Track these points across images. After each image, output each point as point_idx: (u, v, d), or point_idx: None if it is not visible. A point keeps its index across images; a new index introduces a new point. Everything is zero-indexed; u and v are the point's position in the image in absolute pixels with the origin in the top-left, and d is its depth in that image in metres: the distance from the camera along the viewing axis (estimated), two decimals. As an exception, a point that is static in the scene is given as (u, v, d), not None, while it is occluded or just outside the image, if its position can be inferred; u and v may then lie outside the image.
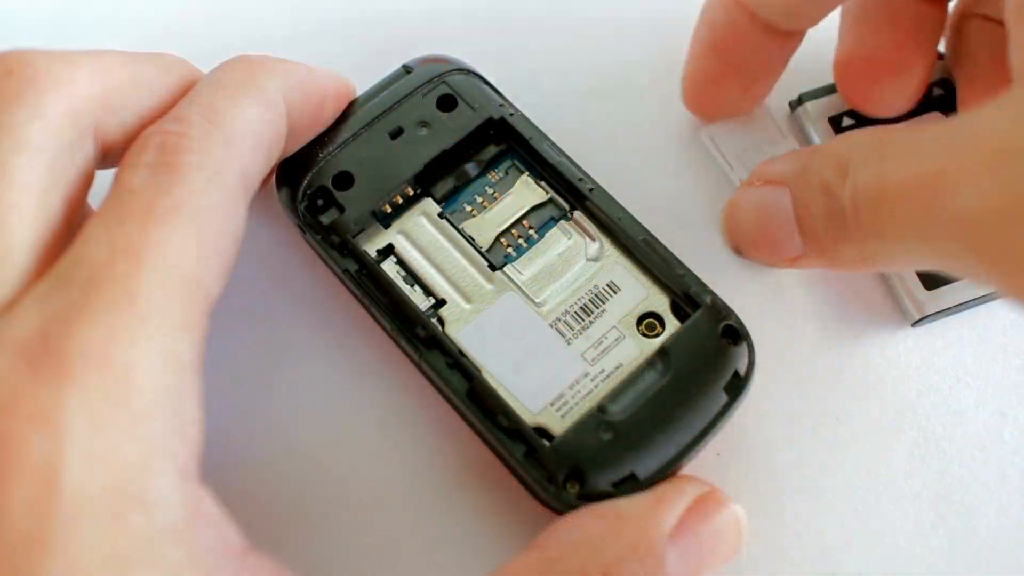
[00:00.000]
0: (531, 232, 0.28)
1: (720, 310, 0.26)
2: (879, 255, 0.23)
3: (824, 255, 0.25)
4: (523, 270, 0.27)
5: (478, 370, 0.26)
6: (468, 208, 0.28)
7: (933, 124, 0.21)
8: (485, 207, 0.28)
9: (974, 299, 0.28)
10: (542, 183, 0.28)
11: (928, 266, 0.22)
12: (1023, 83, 0.21)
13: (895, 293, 0.29)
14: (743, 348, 0.25)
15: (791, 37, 0.28)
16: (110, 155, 0.23)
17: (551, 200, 0.28)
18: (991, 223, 0.19)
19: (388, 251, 0.28)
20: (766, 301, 0.29)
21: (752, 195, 0.27)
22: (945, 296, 0.28)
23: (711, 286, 0.26)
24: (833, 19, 0.29)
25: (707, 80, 0.29)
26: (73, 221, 0.22)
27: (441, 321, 0.27)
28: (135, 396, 0.19)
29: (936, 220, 0.20)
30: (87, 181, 0.23)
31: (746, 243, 0.28)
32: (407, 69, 0.29)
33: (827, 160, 0.24)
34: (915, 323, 0.29)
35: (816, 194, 0.24)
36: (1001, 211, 0.19)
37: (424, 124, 0.28)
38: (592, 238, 0.28)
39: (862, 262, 0.24)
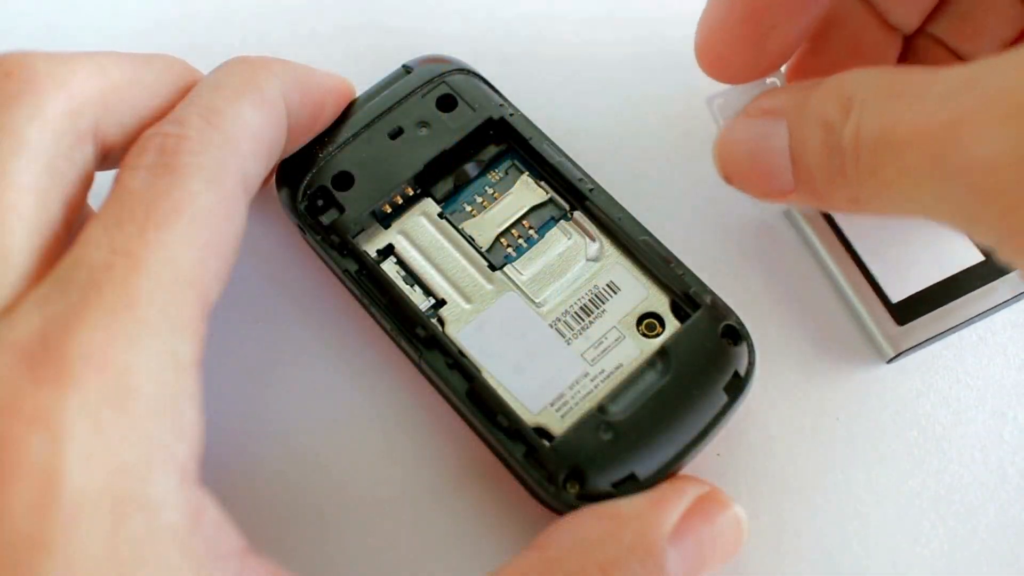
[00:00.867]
0: (531, 232, 0.28)
1: (720, 310, 0.26)
2: (873, 201, 0.22)
3: (815, 194, 0.24)
4: (523, 270, 0.27)
5: (478, 370, 0.26)
6: (468, 208, 0.28)
7: (945, 71, 0.20)
8: (485, 207, 0.28)
9: (948, 328, 0.28)
10: (542, 183, 0.28)
11: (922, 215, 0.21)
12: None
13: (866, 330, 0.29)
14: (743, 348, 0.26)
15: None
16: (110, 156, 0.23)
17: (551, 200, 0.28)
18: (1007, 171, 0.18)
19: (388, 251, 0.28)
20: (766, 301, 0.29)
21: (748, 126, 0.25)
22: (918, 331, 0.28)
23: (711, 286, 0.26)
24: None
25: (723, 24, 0.26)
26: (73, 223, 0.22)
27: (441, 321, 0.27)
28: (135, 398, 0.19)
29: (946, 170, 0.19)
30: (87, 182, 0.23)
31: (737, 173, 0.26)
32: (407, 69, 0.29)
33: (829, 95, 0.22)
34: (890, 360, 0.28)
35: (814, 129, 0.23)
36: (1020, 160, 0.18)
37: (424, 124, 0.28)
38: (592, 238, 0.28)
39: (853, 204, 0.22)
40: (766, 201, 0.27)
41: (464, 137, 0.28)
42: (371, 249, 0.27)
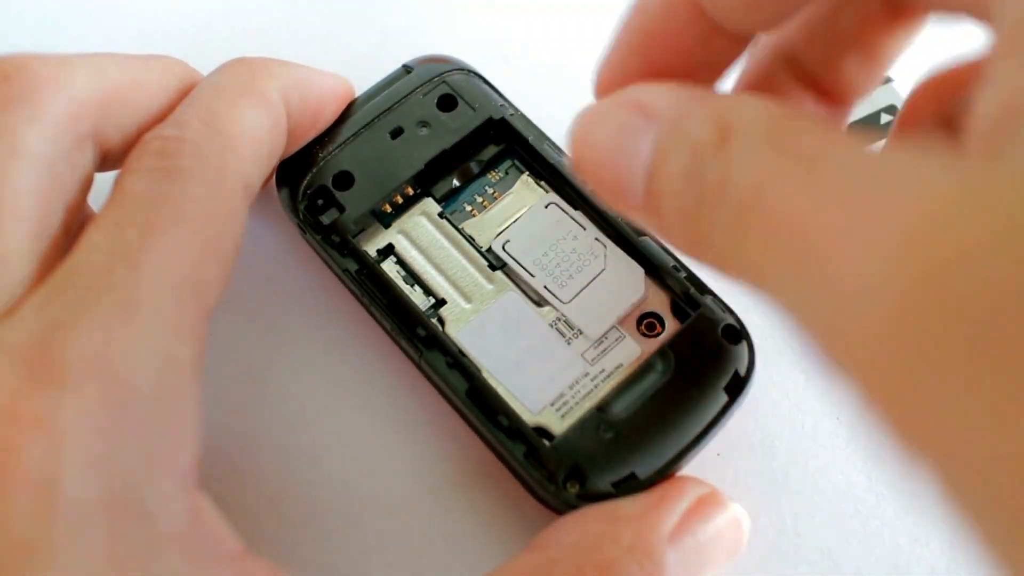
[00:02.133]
0: (532, 232, 0.28)
1: (720, 310, 0.26)
2: (718, 258, 0.18)
3: (657, 219, 0.19)
4: (523, 270, 0.27)
5: (478, 370, 0.26)
6: (468, 208, 0.28)
7: (847, 138, 0.16)
8: (485, 207, 0.28)
9: None
10: (542, 183, 0.28)
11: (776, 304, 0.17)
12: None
13: None
14: (743, 348, 0.25)
15: (733, 42, 0.21)
16: (110, 158, 0.23)
17: (551, 200, 0.28)
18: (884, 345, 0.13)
19: (388, 251, 0.28)
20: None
21: (616, 113, 0.20)
22: None
23: (711, 286, 0.26)
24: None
25: (620, 79, 0.22)
26: (72, 226, 0.22)
27: (441, 321, 0.27)
28: (134, 402, 0.19)
29: (815, 289, 0.15)
30: (86, 185, 0.23)
31: (591, 168, 0.21)
32: (407, 69, 0.29)
33: (708, 116, 0.18)
34: None
35: (681, 149, 0.18)
36: (900, 337, 0.13)
37: (424, 124, 0.28)
38: (592, 238, 0.28)
39: (694, 247, 0.18)
40: (617, 211, 0.22)
41: (464, 137, 0.28)
42: (371, 249, 0.27)
